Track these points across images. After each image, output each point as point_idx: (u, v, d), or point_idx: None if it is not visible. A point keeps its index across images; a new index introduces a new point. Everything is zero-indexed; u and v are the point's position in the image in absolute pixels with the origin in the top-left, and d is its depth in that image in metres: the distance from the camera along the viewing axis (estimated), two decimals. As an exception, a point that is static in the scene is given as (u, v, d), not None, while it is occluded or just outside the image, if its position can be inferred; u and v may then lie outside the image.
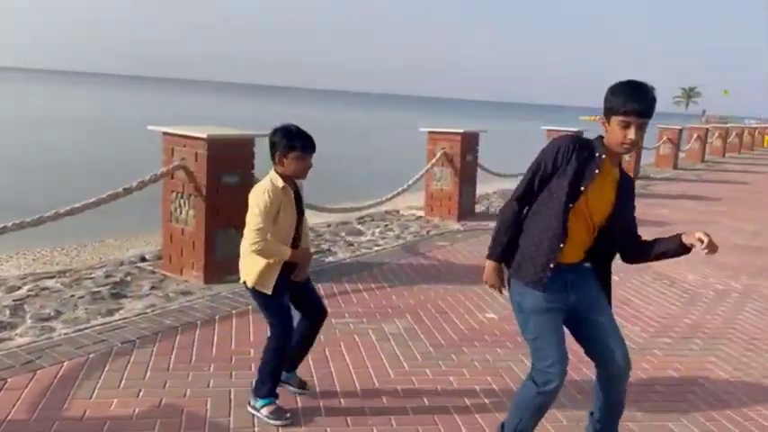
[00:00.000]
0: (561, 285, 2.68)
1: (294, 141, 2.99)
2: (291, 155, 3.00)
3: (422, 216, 8.93)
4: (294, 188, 3.11)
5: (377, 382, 3.51)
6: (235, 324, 4.35)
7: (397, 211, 9.28)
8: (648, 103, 2.50)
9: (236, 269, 5.28)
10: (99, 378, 3.47)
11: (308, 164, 3.06)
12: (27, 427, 2.97)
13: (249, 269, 3.08)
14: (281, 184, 3.02)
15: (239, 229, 5.36)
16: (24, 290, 4.90)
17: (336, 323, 4.40)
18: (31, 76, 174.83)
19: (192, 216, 5.20)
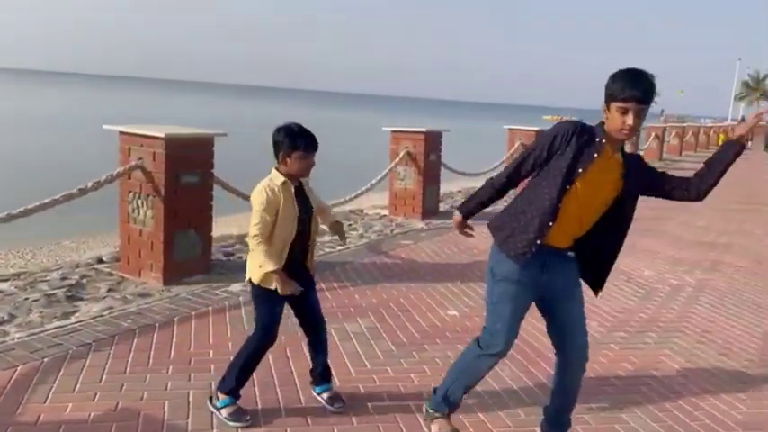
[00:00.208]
0: (538, 265, 2.76)
1: (297, 141, 2.99)
2: (295, 155, 3.00)
3: (386, 215, 8.96)
4: (298, 186, 3.09)
5: (338, 381, 3.51)
6: (194, 326, 4.30)
7: (362, 211, 9.29)
8: (646, 90, 2.55)
9: (195, 270, 5.30)
10: (53, 382, 3.40)
11: (310, 162, 3.06)
12: (-23, 434, 2.90)
13: (254, 267, 3.06)
14: (279, 181, 3.02)
15: (199, 230, 5.37)
16: (-24, 294, 4.77)
17: (298, 324, 4.38)
18: (8, 77, 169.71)
19: (151, 217, 5.13)
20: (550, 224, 2.67)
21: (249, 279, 3.10)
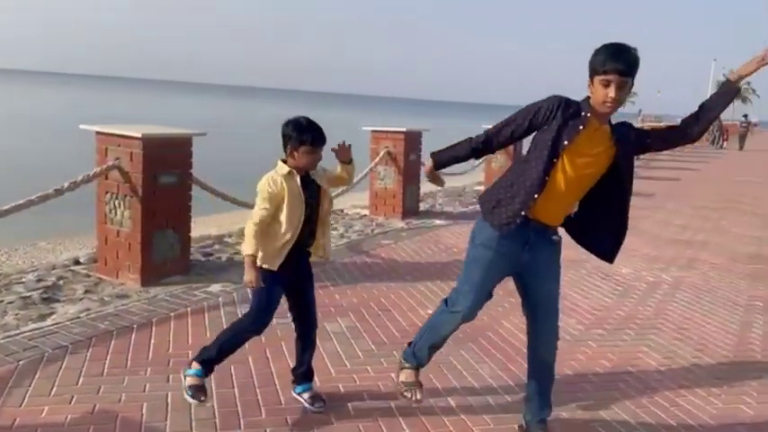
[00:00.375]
0: (521, 241, 2.81)
1: (304, 135, 3.00)
2: (302, 149, 3.01)
3: (366, 215, 8.96)
4: (305, 177, 3.08)
5: (318, 381, 3.51)
6: (173, 327, 4.27)
7: (342, 210, 9.27)
8: (627, 62, 2.59)
9: (173, 271, 5.26)
10: (29, 385, 3.36)
11: (317, 157, 3.07)
12: (-50, 439, 2.86)
13: (261, 251, 3.06)
14: (284, 171, 3.03)
15: (177, 230, 5.32)
16: (-51, 296, 4.69)
17: (278, 323, 4.31)
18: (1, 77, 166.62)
19: (128, 217, 5.08)
20: (536, 196, 2.71)
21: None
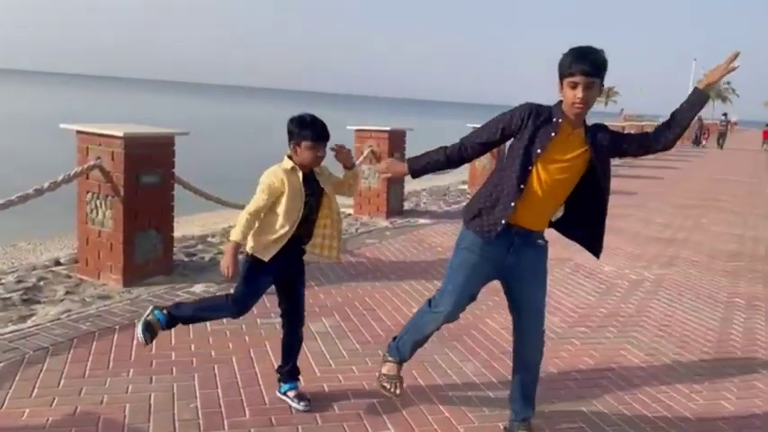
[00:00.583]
0: (505, 244, 2.85)
1: (305, 131, 3.00)
2: (304, 144, 3.01)
3: (350, 214, 8.94)
4: (309, 175, 3.07)
5: (303, 381, 3.49)
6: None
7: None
8: (593, 63, 2.62)
9: (156, 271, 5.22)
10: (9, 388, 3.31)
11: (320, 153, 3.06)
12: (-72, 443, 2.81)
13: (255, 240, 3.07)
14: (287, 166, 3.03)
15: (160, 230, 5.28)
16: (-74, 298, 4.61)
17: (262, 323, 4.35)
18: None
19: (110, 217, 5.03)
20: (512, 204, 2.75)
21: (246, 251, 3.12)
